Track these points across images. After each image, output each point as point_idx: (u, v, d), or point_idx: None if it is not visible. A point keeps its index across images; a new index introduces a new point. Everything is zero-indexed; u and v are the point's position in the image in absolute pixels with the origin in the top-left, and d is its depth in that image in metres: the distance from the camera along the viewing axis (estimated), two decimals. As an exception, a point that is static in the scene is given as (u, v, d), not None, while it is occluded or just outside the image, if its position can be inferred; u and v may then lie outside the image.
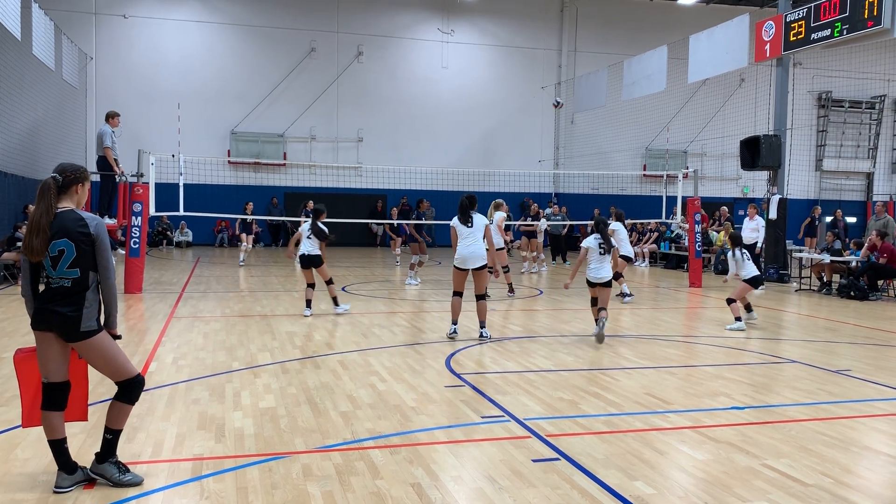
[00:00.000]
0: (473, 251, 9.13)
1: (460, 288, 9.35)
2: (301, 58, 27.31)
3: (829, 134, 32.11)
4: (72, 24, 23.86)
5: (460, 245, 9.19)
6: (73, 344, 4.23)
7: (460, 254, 9.18)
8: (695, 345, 9.40)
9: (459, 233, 9.22)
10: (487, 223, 9.37)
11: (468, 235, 9.17)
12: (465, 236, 9.19)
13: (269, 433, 5.32)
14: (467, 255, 9.14)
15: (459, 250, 9.19)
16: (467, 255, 9.14)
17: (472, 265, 9.14)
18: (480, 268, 9.16)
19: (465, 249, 9.15)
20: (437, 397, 6.39)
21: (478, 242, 9.17)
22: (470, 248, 9.14)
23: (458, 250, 9.20)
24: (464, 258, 9.15)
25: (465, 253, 9.14)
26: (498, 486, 4.40)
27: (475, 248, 9.14)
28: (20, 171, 19.11)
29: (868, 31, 13.71)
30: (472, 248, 9.14)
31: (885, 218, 16.04)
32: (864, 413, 6.18)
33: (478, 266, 9.14)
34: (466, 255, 9.14)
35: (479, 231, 9.20)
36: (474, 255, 9.13)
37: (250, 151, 26.86)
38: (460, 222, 9.23)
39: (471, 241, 9.16)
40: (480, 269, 9.17)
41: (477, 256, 9.13)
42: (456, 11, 28.73)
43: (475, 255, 9.13)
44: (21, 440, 5.05)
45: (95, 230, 4.24)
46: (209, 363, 7.64)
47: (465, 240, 9.18)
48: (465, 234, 9.19)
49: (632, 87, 22.59)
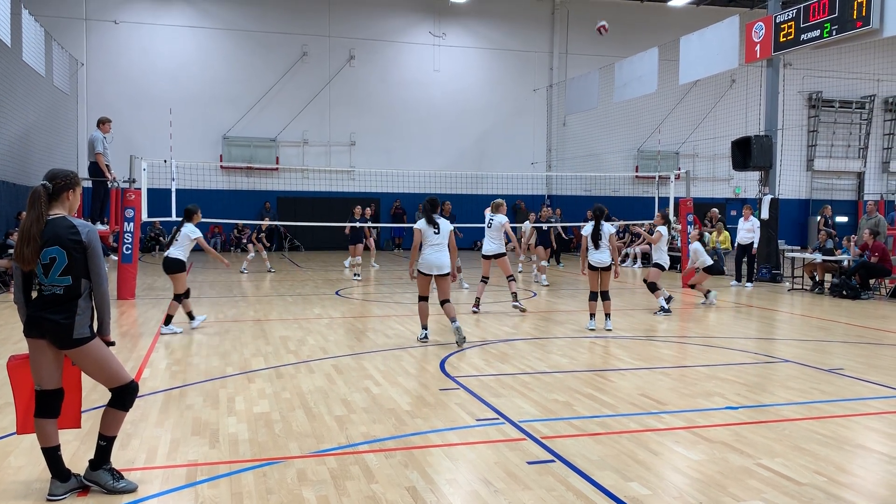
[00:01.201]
0: (440, 259, 9.06)
1: (426, 293, 9.26)
2: (293, 62, 27.29)
3: (820, 134, 32.26)
4: (62, 30, 23.77)
5: (427, 251, 9.08)
6: (66, 351, 4.22)
7: (427, 259, 9.07)
8: (688, 345, 9.42)
9: (426, 238, 9.11)
10: (452, 229, 9.30)
11: (436, 242, 9.09)
12: (432, 242, 9.09)
13: (263, 438, 5.31)
14: (433, 262, 9.05)
15: (426, 256, 9.07)
16: (433, 262, 9.05)
17: (438, 272, 9.08)
18: (445, 274, 9.12)
19: (432, 256, 9.05)
20: (431, 400, 6.39)
21: (444, 249, 9.11)
22: (437, 255, 9.05)
23: (425, 255, 9.08)
24: (430, 264, 9.06)
25: (432, 259, 9.05)
26: (493, 489, 4.40)
27: (442, 255, 9.07)
28: (12, 177, 19.05)
29: (857, 32, 13.79)
30: (439, 255, 9.07)
31: (876, 217, 16.12)
32: (858, 411, 6.21)
33: (444, 273, 9.10)
34: (433, 261, 9.05)
35: (445, 237, 9.13)
36: (441, 263, 9.06)
37: (242, 156, 26.81)
38: (428, 226, 9.14)
39: (438, 247, 9.08)
40: (445, 276, 9.13)
41: (444, 264, 9.08)
42: (447, 15, 28.77)
43: (442, 262, 9.07)
44: (14, 448, 5.03)
45: (87, 237, 4.23)
46: (203, 369, 7.62)
47: (432, 246, 9.07)
48: (434, 240, 9.09)
49: (623, 88, 22.66)
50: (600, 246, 10.26)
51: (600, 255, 10.29)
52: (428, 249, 9.09)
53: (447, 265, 9.10)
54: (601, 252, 10.29)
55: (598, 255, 10.31)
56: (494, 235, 12.18)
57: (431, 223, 9.11)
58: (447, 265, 9.10)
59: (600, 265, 10.29)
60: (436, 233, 9.08)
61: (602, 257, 10.27)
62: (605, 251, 10.27)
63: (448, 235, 9.16)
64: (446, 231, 9.15)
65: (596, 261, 10.31)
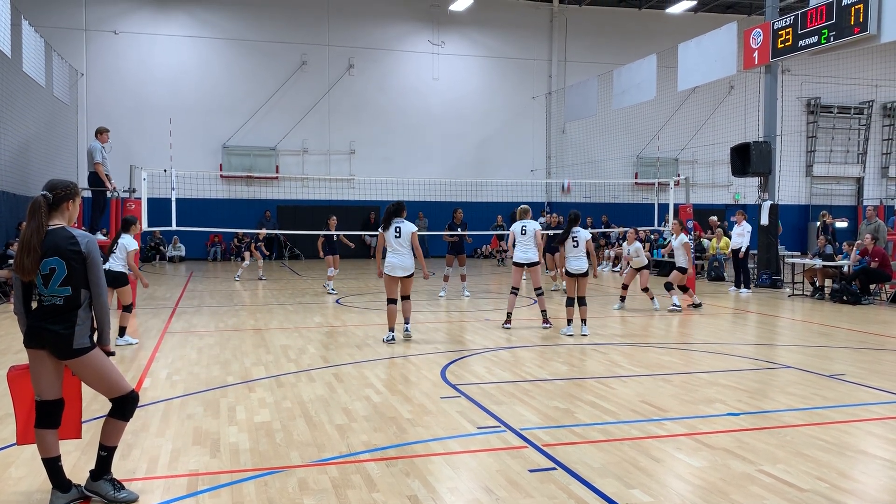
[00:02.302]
0: (403, 261, 9.66)
1: (393, 294, 9.79)
2: (292, 71, 27.35)
3: (819, 140, 32.30)
4: (62, 41, 23.83)
5: (390, 254, 9.67)
6: (67, 361, 4.22)
7: (391, 262, 9.66)
8: (689, 351, 9.41)
9: (388, 242, 9.67)
10: (414, 231, 9.79)
11: (396, 245, 9.65)
12: (394, 246, 9.66)
13: (264, 447, 5.30)
14: (397, 265, 9.64)
15: (390, 259, 9.67)
16: (397, 265, 9.64)
17: (403, 273, 9.69)
18: (409, 275, 9.75)
19: (395, 259, 9.65)
20: (432, 408, 6.38)
21: (406, 253, 9.67)
22: (399, 258, 9.64)
23: (389, 259, 9.67)
24: (393, 267, 9.65)
25: (395, 262, 9.65)
26: (495, 497, 4.39)
27: (404, 258, 9.66)
28: (12, 188, 19.07)
29: (855, 38, 13.82)
30: (402, 258, 9.65)
31: (876, 222, 16.12)
32: (860, 417, 6.20)
33: (408, 275, 9.73)
34: (396, 264, 9.64)
35: (406, 240, 9.68)
36: (404, 265, 9.66)
37: (242, 165, 26.85)
38: (389, 231, 9.66)
39: (399, 251, 9.65)
40: (409, 277, 9.76)
41: (407, 266, 9.68)
42: (446, 23, 28.85)
43: (405, 264, 9.66)
44: (15, 458, 5.02)
45: (87, 248, 4.23)
46: (203, 378, 7.61)
47: (394, 250, 9.66)
48: (395, 244, 9.66)
49: (622, 95, 22.70)
50: (580, 253, 10.49)
51: (578, 261, 10.49)
52: (390, 253, 9.68)
53: (411, 267, 9.70)
54: (578, 259, 10.49)
55: (576, 263, 10.50)
56: (529, 243, 11.65)
57: (387, 226, 9.68)
58: (411, 267, 9.70)
59: (578, 272, 10.47)
60: (397, 237, 9.64)
61: (580, 264, 10.48)
62: (583, 258, 10.50)
63: (409, 238, 9.65)
64: (407, 235, 9.66)
65: (574, 268, 10.50)
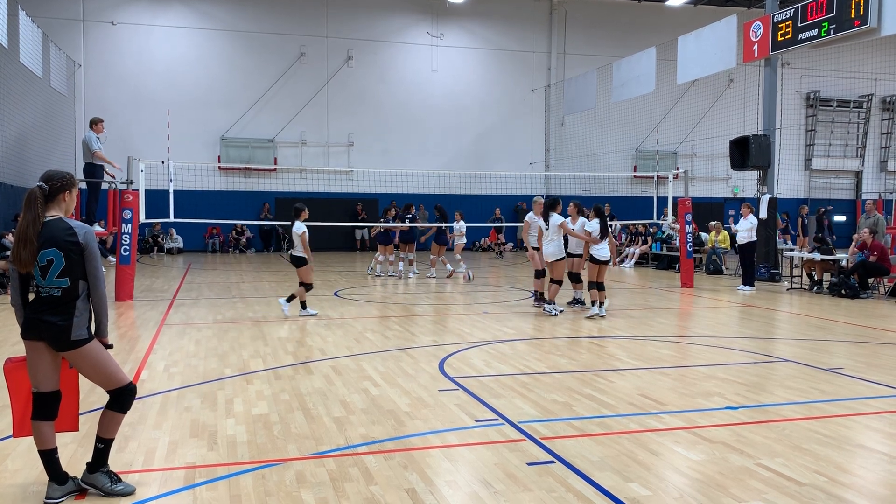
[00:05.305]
0: (546, 248, 11.72)
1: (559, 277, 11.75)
2: (291, 63, 27.27)
3: (818, 133, 32.29)
4: (59, 32, 23.73)
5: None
6: (64, 353, 4.20)
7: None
8: (688, 345, 9.41)
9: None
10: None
11: (555, 235, 11.63)
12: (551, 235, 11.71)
13: (262, 440, 5.29)
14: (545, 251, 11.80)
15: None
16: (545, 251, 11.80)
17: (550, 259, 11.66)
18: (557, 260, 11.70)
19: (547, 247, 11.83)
20: (430, 401, 6.37)
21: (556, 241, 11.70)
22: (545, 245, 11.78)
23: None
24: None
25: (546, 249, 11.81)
26: (493, 490, 4.39)
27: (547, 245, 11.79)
28: (9, 179, 19.03)
29: (855, 31, 13.79)
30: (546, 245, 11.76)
31: (875, 216, 16.10)
32: (858, 411, 6.20)
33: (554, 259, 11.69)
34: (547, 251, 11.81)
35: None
36: (547, 252, 11.65)
37: (241, 157, 26.78)
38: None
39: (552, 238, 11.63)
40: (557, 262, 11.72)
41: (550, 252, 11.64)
42: (445, 15, 28.75)
43: (547, 251, 11.68)
44: (11, 451, 5.00)
45: (84, 239, 4.20)
46: (201, 370, 7.60)
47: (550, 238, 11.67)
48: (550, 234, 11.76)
49: (621, 88, 22.67)
50: (604, 242, 11.56)
51: (604, 250, 11.56)
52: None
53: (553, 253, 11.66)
54: (606, 248, 11.57)
55: (603, 251, 11.55)
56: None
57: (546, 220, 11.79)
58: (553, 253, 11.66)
59: (603, 259, 11.55)
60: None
61: (606, 253, 11.59)
62: (606, 247, 11.57)
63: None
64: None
65: (601, 255, 11.53)
